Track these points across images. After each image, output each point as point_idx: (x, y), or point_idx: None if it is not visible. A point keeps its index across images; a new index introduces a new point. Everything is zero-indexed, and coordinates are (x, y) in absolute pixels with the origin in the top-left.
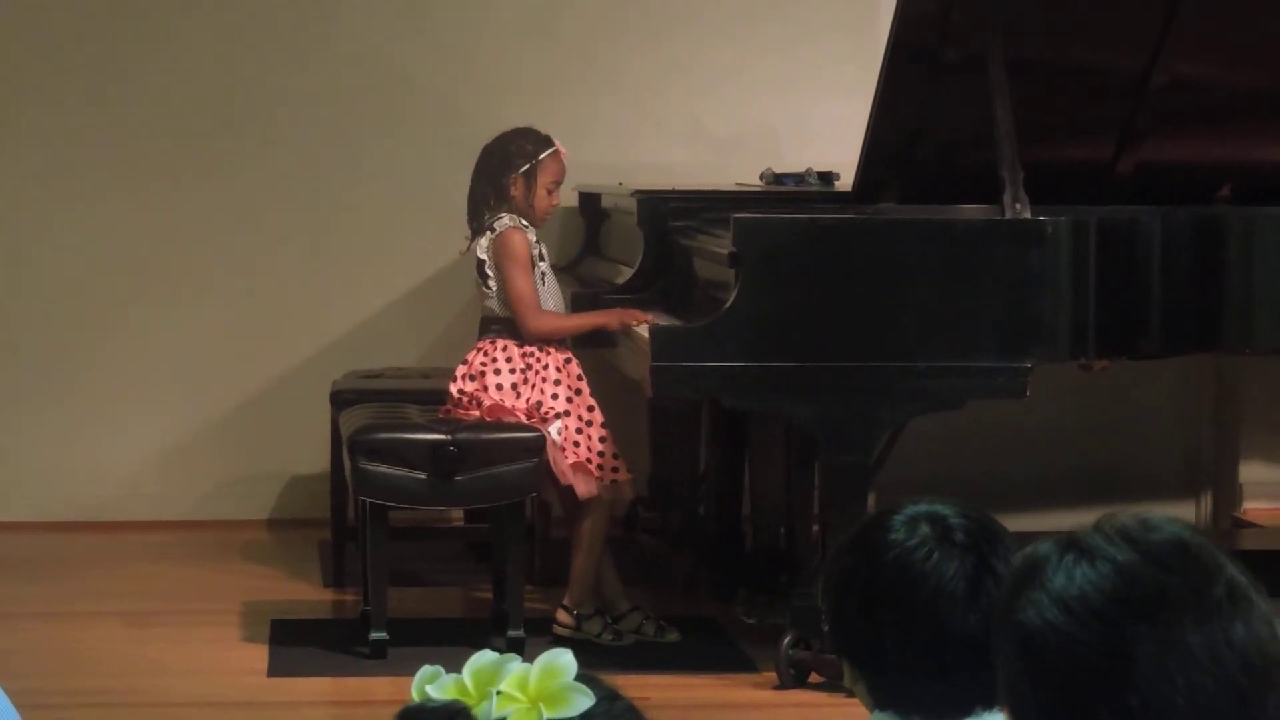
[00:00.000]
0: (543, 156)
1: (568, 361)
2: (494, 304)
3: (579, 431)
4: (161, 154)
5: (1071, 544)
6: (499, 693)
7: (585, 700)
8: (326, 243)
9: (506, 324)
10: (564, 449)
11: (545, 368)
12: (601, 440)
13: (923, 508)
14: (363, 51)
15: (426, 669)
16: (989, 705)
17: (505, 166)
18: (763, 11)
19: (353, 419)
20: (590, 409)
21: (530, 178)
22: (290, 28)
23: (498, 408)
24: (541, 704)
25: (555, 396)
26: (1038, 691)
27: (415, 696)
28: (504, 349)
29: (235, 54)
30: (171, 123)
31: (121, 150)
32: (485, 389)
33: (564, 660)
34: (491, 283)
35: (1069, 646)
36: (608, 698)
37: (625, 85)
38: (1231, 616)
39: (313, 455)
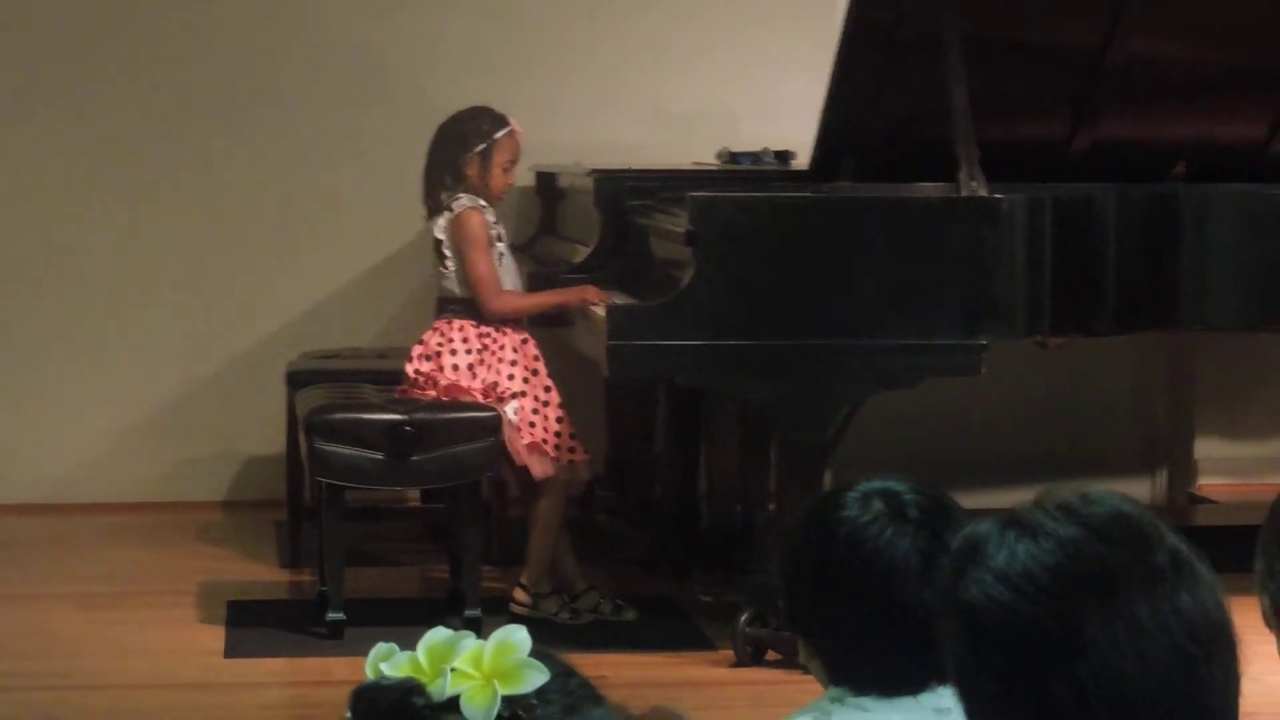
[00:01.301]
0: (498, 135)
1: (524, 342)
2: (451, 284)
3: (535, 412)
4: (113, 137)
5: (1013, 521)
6: (453, 669)
7: (540, 676)
8: (282, 223)
9: (464, 304)
10: (520, 429)
11: (502, 348)
12: (558, 420)
13: (876, 484)
14: (325, 32)
15: (381, 646)
16: (944, 680)
17: (460, 146)
18: None
19: (309, 399)
20: (547, 389)
21: (486, 157)
22: (253, 8)
23: (454, 387)
24: (496, 680)
25: (512, 377)
26: (986, 669)
27: (369, 674)
28: (460, 329)
29: (196, 35)
30: (125, 106)
31: (71, 132)
32: (441, 369)
33: (518, 637)
34: (449, 263)
35: (1016, 622)
36: (562, 674)
37: (587, 66)
38: (1176, 585)
39: (268, 436)
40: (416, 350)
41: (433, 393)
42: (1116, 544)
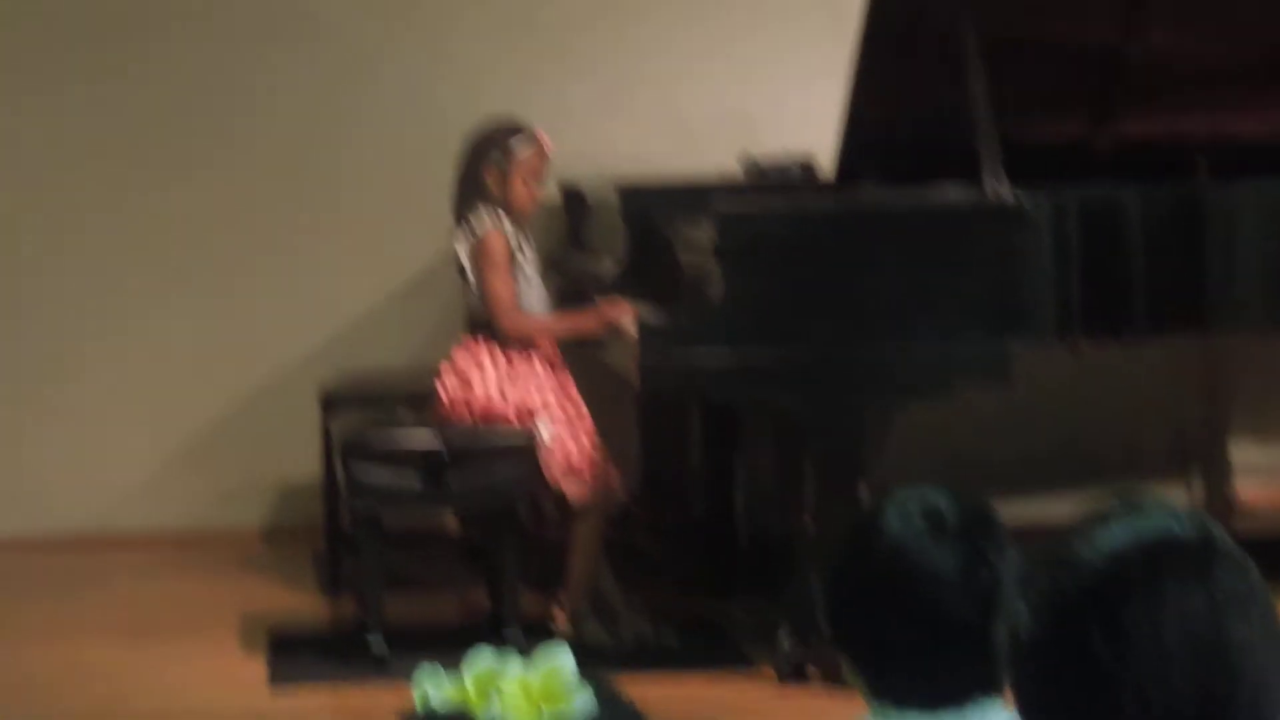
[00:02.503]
0: (519, 148)
1: (552, 362)
2: (476, 302)
3: (568, 434)
4: (140, 159)
5: (1053, 550)
6: (501, 694)
7: (586, 699)
8: (310, 243)
9: (491, 324)
10: (554, 451)
11: (531, 369)
12: (591, 442)
13: (915, 496)
14: (340, 46)
15: (426, 667)
16: (986, 692)
17: (481, 159)
18: None
19: (344, 424)
20: (578, 410)
21: (506, 170)
22: (268, 24)
23: (488, 411)
24: (543, 704)
25: (545, 400)
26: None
27: (417, 699)
28: (488, 348)
29: (212, 53)
30: (150, 127)
31: (102, 158)
32: (472, 390)
33: (563, 660)
34: (471, 282)
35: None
36: (608, 696)
37: (600, 73)
38: (1231, 613)
39: (305, 461)
40: (446, 370)
41: (468, 416)
42: (1162, 561)
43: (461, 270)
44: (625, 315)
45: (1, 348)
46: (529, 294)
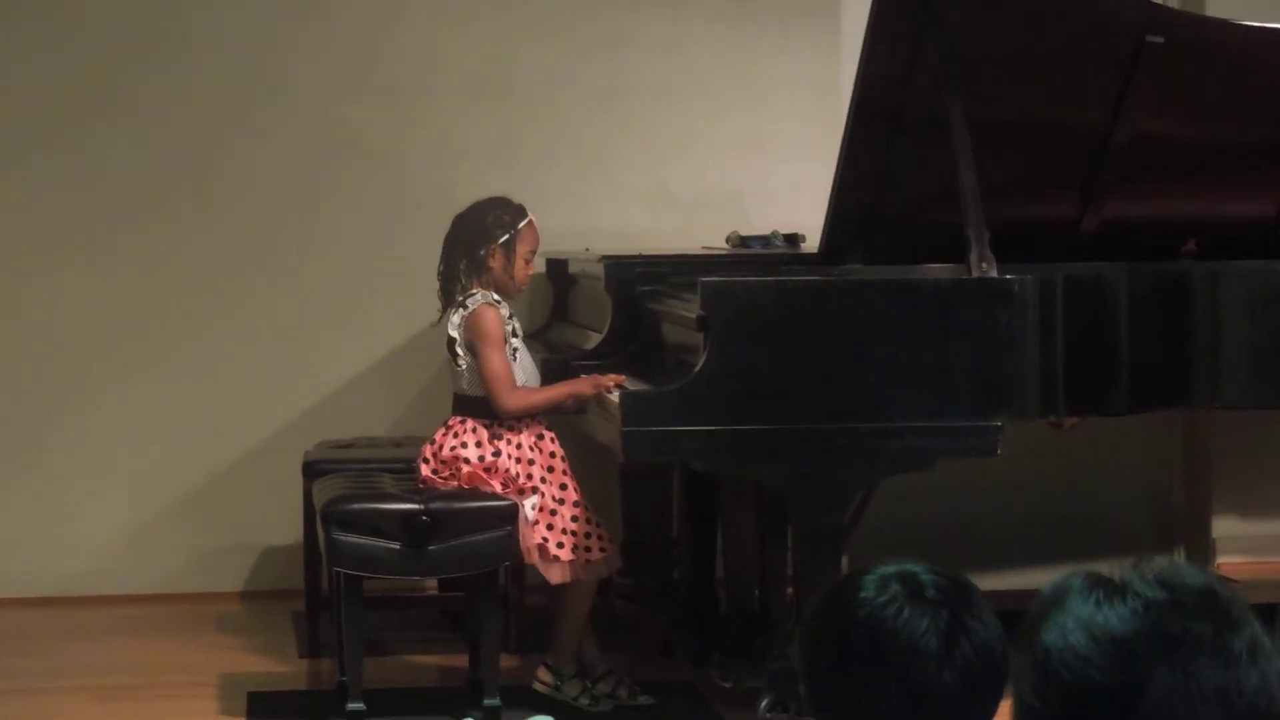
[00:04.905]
0: (520, 226)
1: (539, 438)
2: (464, 382)
3: (552, 513)
4: (126, 225)
5: (1104, 579)
6: None
7: None
8: (295, 312)
9: (477, 404)
10: (536, 524)
11: (518, 447)
12: (574, 519)
13: (893, 567)
14: (319, 118)
15: None
16: None
17: (483, 237)
18: (722, 72)
19: (325, 489)
20: (563, 488)
21: (509, 248)
22: (248, 96)
23: (474, 475)
24: None
25: (530, 476)
26: (1048, 707)
27: None
28: (473, 430)
29: (195, 122)
30: (135, 194)
31: (85, 222)
32: (457, 465)
33: None
34: (462, 361)
35: (1085, 669)
36: None
37: (584, 148)
38: (1249, 668)
39: (285, 526)
40: (428, 450)
41: (454, 482)
42: (1200, 618)
43: (451, 350)
44: (610, 381)
45: None
46: (518, 373)
